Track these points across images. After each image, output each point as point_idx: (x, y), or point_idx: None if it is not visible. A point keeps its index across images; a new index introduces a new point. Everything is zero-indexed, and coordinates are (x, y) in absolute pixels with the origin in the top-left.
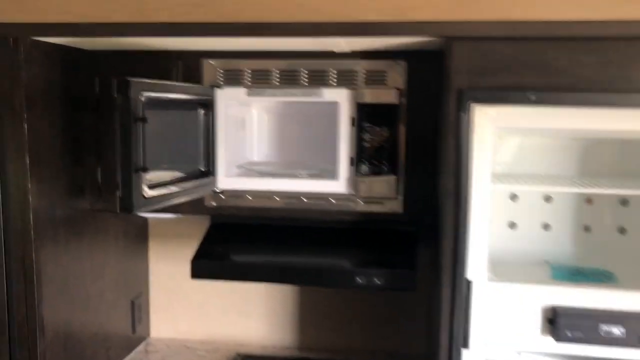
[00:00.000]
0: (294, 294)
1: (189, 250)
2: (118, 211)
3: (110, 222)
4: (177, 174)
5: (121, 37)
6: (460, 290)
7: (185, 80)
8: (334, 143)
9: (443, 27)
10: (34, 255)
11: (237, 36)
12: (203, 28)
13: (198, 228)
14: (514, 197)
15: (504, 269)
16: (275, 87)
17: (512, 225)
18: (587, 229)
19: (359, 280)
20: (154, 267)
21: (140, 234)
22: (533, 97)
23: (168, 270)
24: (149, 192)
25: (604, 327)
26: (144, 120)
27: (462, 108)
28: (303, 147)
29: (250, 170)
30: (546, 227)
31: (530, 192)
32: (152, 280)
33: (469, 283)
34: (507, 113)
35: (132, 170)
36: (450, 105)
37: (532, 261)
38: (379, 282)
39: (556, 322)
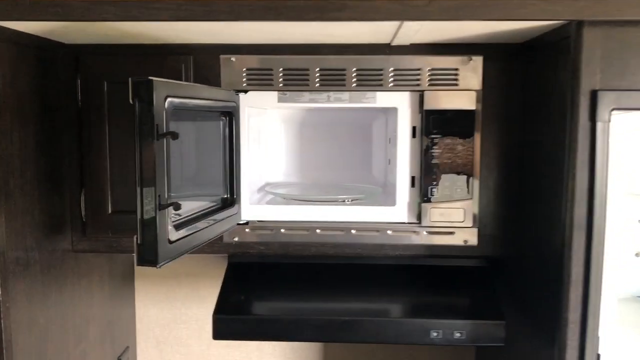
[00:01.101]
0: (319, 347)
1: (184, 290)
2: (137, 264)
3: (94, 262)
4: (200, 204)
5: (124, 21)
6: (590, 349)
7: (197, 82)
8: (384, 159)
9: (572, 6)
10: (1, 319)
11: (263, 20)
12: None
13: (195, 264)
14: None
15: None
16: (315, 90)
17: None
18: None
19: (434, 334)
20: (141, 313)
21: (126, 274)
22: None
23: (159, 316)
24: (175, 234)
25: None
26: (173, 135)
27: (599, 116)
28: (341, 165)
29: (276, 195)
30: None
31: None
32: (139, 329)
33: (597, 340)
34: None
35: (156, 206)
36: (581, 113)
37: (623, 296)
38: (460, 336)
39: None
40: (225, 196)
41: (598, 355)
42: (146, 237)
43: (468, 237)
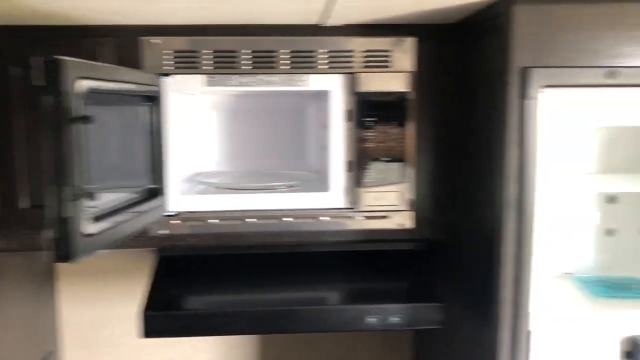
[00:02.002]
0: (255, 341)
1: (113, 287)
2: (55, 260)
3: (9, 261)
4: (123, 196)
5: None
6: (522, 326)
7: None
8: (320, 144)
9: None
10: None
11: None
12: None
13: (123, 259)
14: None
15: None
16: (245, 73)
17: None
18: (609, 232)
19: (371, 320)
20: (66, 314)
21: (47, 273)
22: (614, 77)
23: (85, 317)
24: (93, 227)
25: None
26: (86, 119)
27: (528, 94)
28: (274, 152)
29: (207, 184)
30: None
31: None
32: (64, 331)
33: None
34: (574, 99)
35: (70, 196)
36: (510, 91)
37: (554, 274)
38: (397, 321)
39: (638, 356)
40: (150, 186)
41: (528, 332)
42: (59, 230)
43: (404, 220)
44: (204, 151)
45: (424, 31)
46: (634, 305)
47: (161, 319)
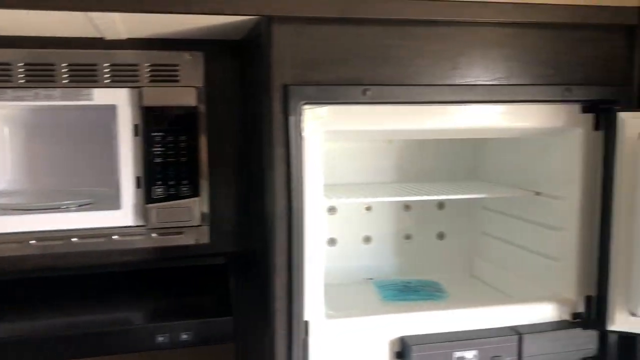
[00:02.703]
0: None
1: None
2: None
3: None
4: None
5: None
6: (298, 335)
7: None
8: (112, 160)
9: (260, 2)
10: None
11: None
12: None
13: None
14: (331, 209)
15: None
16: (21, 87)
17: (332, 241)
18: (407, 237)
19: (161, 339)
20: None
21: None
22: (369, 93)
23: None
24: None
25: (457, 354)
26: None
27: (290, 110)
28: (71, 169)
29: None
30: (367, 240)
31: (349, 203)
32: None
33: (306, 324)
34: (338, 113)
35: None
36: (274, 107)
37: (355, 280)
38: (186, 338)
39: (406, 355)
40: None
41: (305, 340)
42: None
43: (199, 236)
44: None
45: (212, 46)
46: (408, 308)
47: None
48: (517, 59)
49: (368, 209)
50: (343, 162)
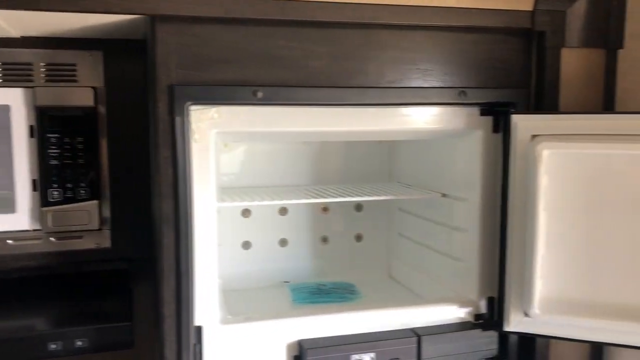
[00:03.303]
0: None
1: None
2: None
3: None
4: None
5: None
6: (188, 341)
7: None
8: (6, 162)
9: (143, 1)
10: None
11: None
12: None
13: None
14: (246, 212)
15: (240, 298)
16: None
17: (247, 245)
18: (324, 240)
19: (53, 346)
20: None
21: None
22: (260, 94)
23: None
24: None
25: (355, 357)
26: None
27: (176, 110)
28: None
29: None
30: (283, 242)
31: (263, 206)
32: None
33: (199, 329)
34: (230, 114)
35: None
36: (160, 108)
37: (271, 283)
38: (81, 345)
39: (304, 359)
40: None
41: (197, 346)
42: None
43: (99, 240)
44: None
45: (114, 46)
46: (306, 312)
47: None
48: (412, 61)
49: (282, 212)
50: (260, 164)
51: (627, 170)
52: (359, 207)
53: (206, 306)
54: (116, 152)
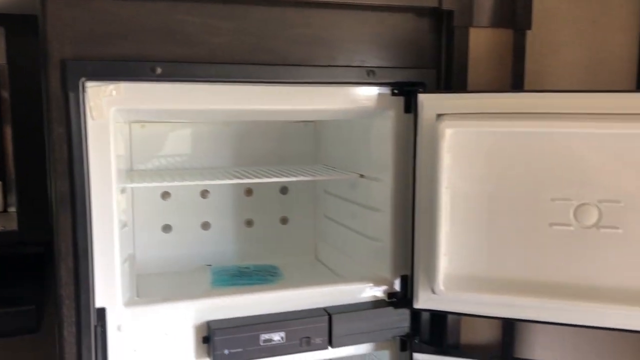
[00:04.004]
0: None
1: None
2: None
3: None
4: None
5: None
6: (89, 322)
7: None
8: None
9: None
10: None
11: None
12: None
13: None
14: (166, 195)
15: (159, 281)
16: None
17: (167, 228)
18: (249, 223)
19: None
20: None
21: None
22: (159, 70)
23: None
24: None
25: (264, 336)
26: None
27: (70, 86)
28: None
29: None
30: (206, 226)
31: (183, 188)
32: None
33: (102, 311)
34: (129, 91)
35: None
36: (52, 83)
37: (193, 267)
38: None
39: (211, 340)
40: None
41: (99, 328)
42: None
43: (5, 222)
44: None
45: (16, 21)
46: (214, 294)
47: None
48: (319, 40)
49: (204, 194)
50: (180, 146)
51: (527, 148)
52: (284, 189)
53: (108, 288)
54: (21, 133)
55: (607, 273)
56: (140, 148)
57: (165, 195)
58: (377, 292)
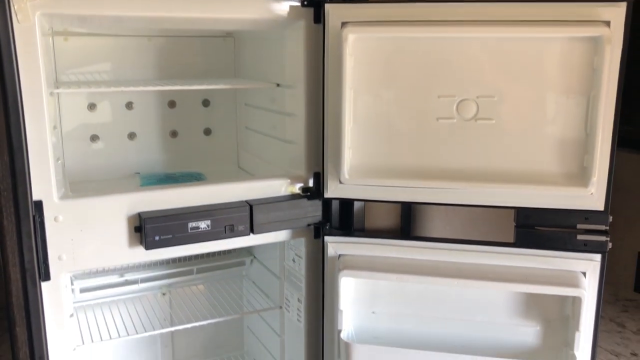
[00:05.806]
0: None
1: None
2: None
3: None
4: None
5: None
6: (27, 212)
7: None
8: None
9: None
10: None
11: None
12: None
13: None
14: (92, 107)
15: (91, 187)
16: None
17: (95, 138)
18: (173, 134)
19: None
20: None
21: None
22: None
23: None
24: None
25: (192, 224)
26: None
27: None
28: None
29: None
30: (132, 136)
31: (109, 99)
32: None
33: (39, 204)
34: None
35: None
36: None
37: (122, 175)
38: None
39: (143, 229)
40: None
41: (37, 218)
42: None
43: None
44: None
45: None
46: (145, 189)
47: None
48: None
49: (129, 105)
50: (105, 59)
51: (420, 53)
52: (206, 102)
53: (44, 183)
54: None
55: (483, 158)
56: (64, 62)
57: (92, 107)
58: (293, 187)
